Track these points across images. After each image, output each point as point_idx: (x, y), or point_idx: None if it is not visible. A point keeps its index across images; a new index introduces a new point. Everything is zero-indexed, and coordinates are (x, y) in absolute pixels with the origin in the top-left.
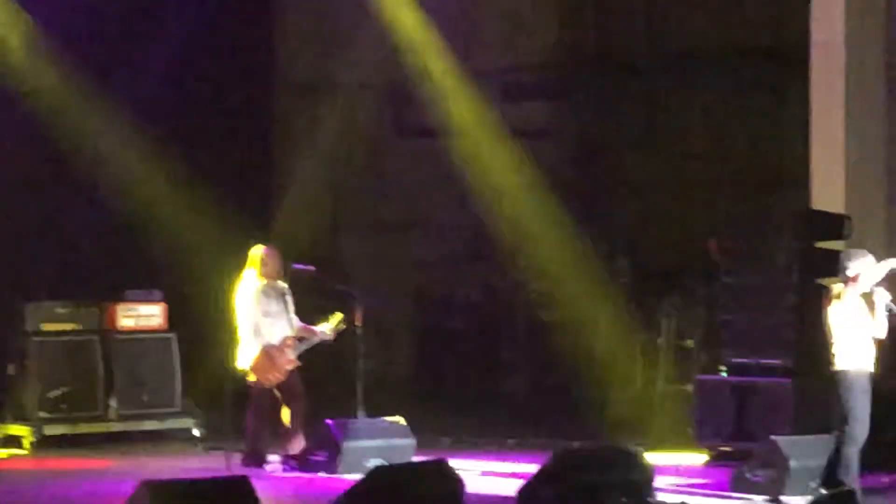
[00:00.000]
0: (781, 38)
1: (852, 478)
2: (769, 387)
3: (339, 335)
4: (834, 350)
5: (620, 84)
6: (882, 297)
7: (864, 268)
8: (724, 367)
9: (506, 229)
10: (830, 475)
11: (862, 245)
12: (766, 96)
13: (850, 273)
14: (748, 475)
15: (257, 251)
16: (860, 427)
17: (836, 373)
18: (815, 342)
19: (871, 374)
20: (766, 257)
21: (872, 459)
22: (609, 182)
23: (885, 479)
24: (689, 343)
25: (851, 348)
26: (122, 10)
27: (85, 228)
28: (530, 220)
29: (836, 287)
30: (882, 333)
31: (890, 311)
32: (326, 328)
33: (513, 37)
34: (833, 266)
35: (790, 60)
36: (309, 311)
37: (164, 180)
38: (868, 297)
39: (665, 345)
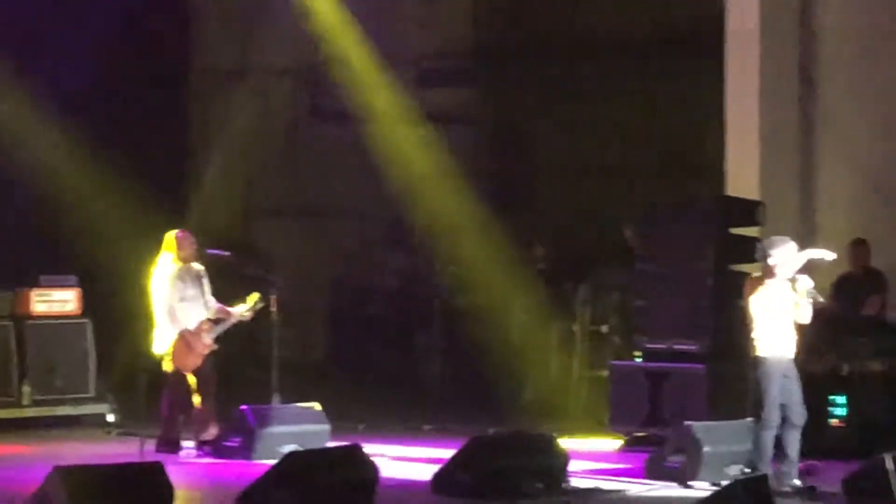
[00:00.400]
0: (698, 26)
1: (766, 462)
2: (683, 372)
3: (256, 316)
4: (754, 336)
5: (538, 70)
6: (805, 284)
7: (787, 255)
8: (638, 353)
9: (423, 216)
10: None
11: (776, 231)
12: (681, 84)
13: (772, 260)
14: (662, 460)
15: (172, 235)
16: (775, 412)
17: (756, 358)
18: (729, 327)
19: (791, 360)
20: (681, 243)
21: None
22: (526, 168)
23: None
24: (605, 329)
25: (772, 335)
26: None
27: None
28: (447, 206)
29: (759, 274)
30: (806, 319)
31: (813, 298)
32: (243, 308)
33: (429, 22)
34: (748, 252)
35: (706, 49)
36: (225, 297)
37: (79, 165)
38: (792, 284)
39: (580, 331)
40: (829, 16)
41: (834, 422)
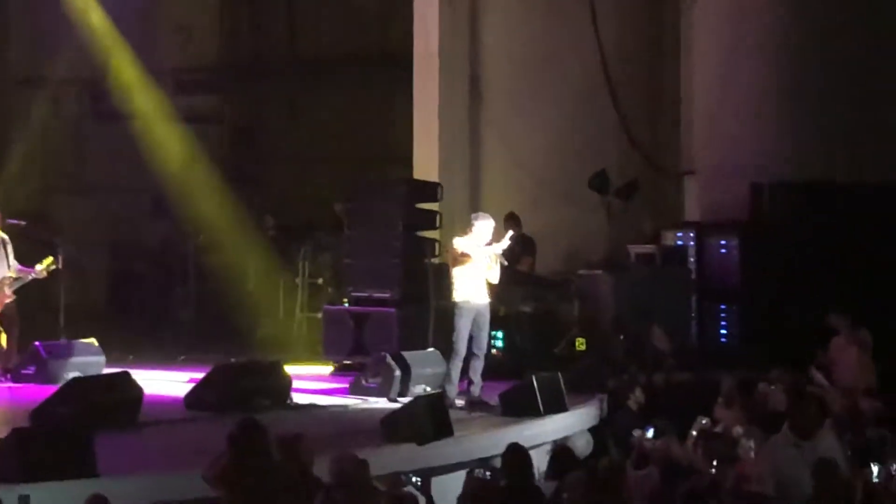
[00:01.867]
0: (393, 48)
1: (452, 384)
2: (380, 314)
3: (50, 274)
4: (453, 287)
5: (268, 82)
6: (495, 250)
7: (483, 226)
8: (346, 300)
9: (179, 193)
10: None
11: (450, 205)
12: (380, 94)
13: (473, 230)
14: (363, 382)
15: None
16: (463, 345)
17: (452, 303)
18: (415, 280)
19: (484, 305)
20: (379, 215)
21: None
22: (259, 158)
23: (464, 384)
24: (320, 281)
25: (466, 286)
26: None
27: None
28: (198, 186)
29: (458, 241)
30: (495, 280)
31: (501, 263)
32: (39, 268)
33: (184, 43)
34: (429, 221)
35: (399, 68)
36: (22, 256)
37: None
38: (488, 251)
39: (301, 282)
40: (493, 40)
41: (494, 351)
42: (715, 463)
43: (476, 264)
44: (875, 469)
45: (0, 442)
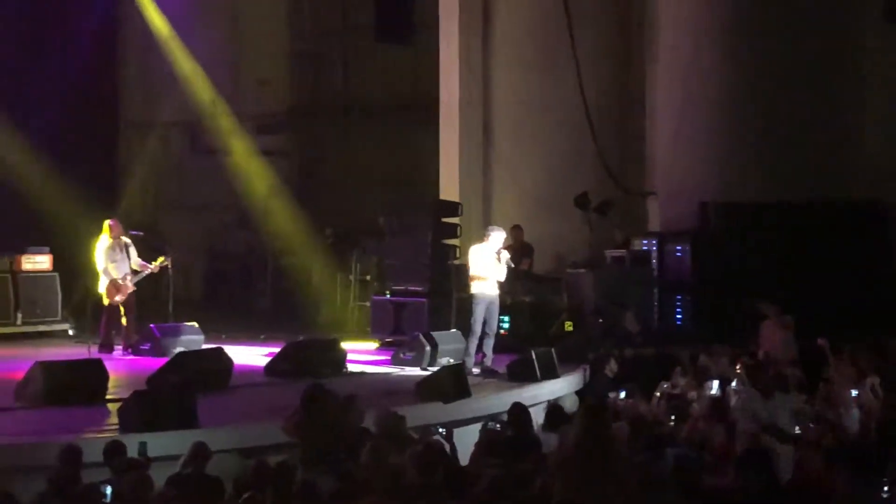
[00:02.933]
0: (423, 99)
1: (470, 357)
2: (414, 303)
3: (162, 270)
4: (472, 282)
5: (328, 124)
6: (504, 255)
7: (497, 236)
8: (388, 292)
9: (259, 209)
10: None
11: (468, 220)
12: (414, 133)
13: (489, 239)
14: (402, 355)
15: (107, 222)
16: (478, 327)
17: (470, 295)
18: (442, 276)
19: (494, 296)
20: (414, 226)
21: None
22: (320, 182)
23: (479, 357)
24: (368, 277)
25: (481, 281)
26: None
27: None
28: (273, 204)
29: (475, 248)
30: (502, 277)
31: (508, 265)
32: (153, 265)
33: (263, 94)
34: (453, 231)
35: (428, 113)
36: (140, 258)
37: (54, 183)
38: (498, 255)
39: (353, 278)
40: (500, 92)
41: (502, 332)
42: (672, 418)
43: (487, 262)
44: None
45: (124, 401)
